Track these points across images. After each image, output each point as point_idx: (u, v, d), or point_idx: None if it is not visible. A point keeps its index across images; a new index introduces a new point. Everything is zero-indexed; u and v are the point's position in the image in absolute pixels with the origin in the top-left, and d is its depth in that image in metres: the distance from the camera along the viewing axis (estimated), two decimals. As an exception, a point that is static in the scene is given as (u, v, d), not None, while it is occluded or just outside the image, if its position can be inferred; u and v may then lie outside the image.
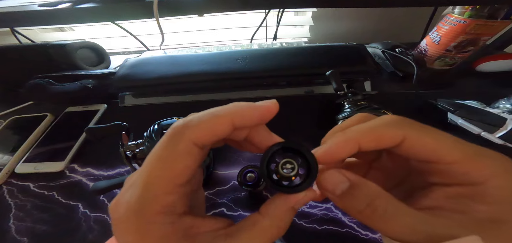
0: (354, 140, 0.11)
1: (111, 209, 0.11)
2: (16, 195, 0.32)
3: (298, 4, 0.43)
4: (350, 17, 0.63)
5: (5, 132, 0.41)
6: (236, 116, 0.11)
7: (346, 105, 0.33)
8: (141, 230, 0.10)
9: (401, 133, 0.11)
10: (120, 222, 0.10)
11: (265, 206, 0.12)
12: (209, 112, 0.11)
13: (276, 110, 0.12)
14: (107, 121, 0.36)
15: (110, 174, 0.33)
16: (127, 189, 0.11)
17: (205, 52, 0.46)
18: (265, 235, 0.11)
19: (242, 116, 0.11)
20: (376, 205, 0.10)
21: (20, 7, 0.40)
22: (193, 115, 0.11)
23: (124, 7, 0.37)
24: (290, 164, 0.12)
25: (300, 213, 0.27)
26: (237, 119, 0.11)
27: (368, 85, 0.41)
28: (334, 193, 0.11)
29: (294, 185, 0.12)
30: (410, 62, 0.43)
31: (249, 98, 0.43)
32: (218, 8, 0.39)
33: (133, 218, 0.10)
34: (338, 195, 0.11)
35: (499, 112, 0.30)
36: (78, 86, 0.42)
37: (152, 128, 0.30)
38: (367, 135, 0.11)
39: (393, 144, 0.11)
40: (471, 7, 0.38)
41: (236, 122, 0.11)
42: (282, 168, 0.12)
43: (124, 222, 0.10)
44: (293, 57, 0.41)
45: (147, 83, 0.40)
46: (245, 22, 0.65)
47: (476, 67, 0.46)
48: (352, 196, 0.11)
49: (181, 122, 0.11)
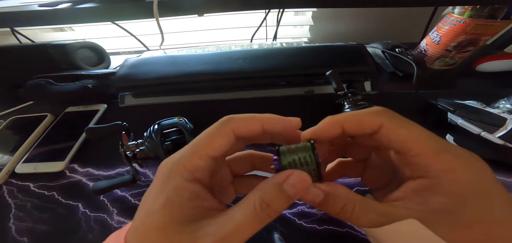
0: (338, 123, 0.14)
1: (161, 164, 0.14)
2: (16, 195, 0.32)
3: (298, 4, 0.43)
4: (350, 17, 0.63)
5: (5, 132, 0.41)
6: (267, 122, 0.14)
7: (346, 105, 0.33)
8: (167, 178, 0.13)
9: (379, 120, 0.13)
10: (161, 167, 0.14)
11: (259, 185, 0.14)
12: (249, 114, 0.15)
13: (298, 126, 0.15)
14: (107, 121, 0.36)
15: (110, 174, 0.33)
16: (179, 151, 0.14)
17: (205, 52, 0.46)
18: (252, 213, 0.12)
19: (271, 123, 0.14)
20: (346, 208, 0.12)
21: (20, 7, 0.40)
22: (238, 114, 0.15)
23: (124, 7, 0.37)
24: None
25: (300, 213, 0.27)
26: (266, 125, 0.14)
27: (368, 85, 0.41)
28: (313, 203, 0.13)
29: None
30: (410, 62, 0.43)
31: (249, 98, 0.43)
32: (218, 8, 0.39)
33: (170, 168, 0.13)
34: (317, 204, 0.13)
35: (499, 112, 0.29)
36: (78, 86, 0.42)
37: (152, 127, 0.30)
38: (350, 119, 0.14)
39: (372, 130, 0.13)
40: (471, 7, 0.38)
41: (266, 126, 0.14)
42: None
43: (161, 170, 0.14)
44: (293, 57, 0.41)
45: (147, 83, 0.40)
46: (245, 22, 0.65)
47: (476, 67, 0.46)
48: (328, 203, 0.13)
49: (229, 115, 0.14)
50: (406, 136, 0.13)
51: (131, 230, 0.13)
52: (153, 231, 0.12)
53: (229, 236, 0.12)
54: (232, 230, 0.12)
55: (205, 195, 0.14)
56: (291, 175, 0.12)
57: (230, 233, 0.12)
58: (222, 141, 0.14)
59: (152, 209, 0.13)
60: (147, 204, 0.13)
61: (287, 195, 0.12)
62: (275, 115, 0.15)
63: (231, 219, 0.12)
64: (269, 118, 0.14)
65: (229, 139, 0.14)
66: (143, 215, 0.13)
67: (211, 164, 0.14)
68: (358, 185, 0.29)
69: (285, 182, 0.12)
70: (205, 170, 0.14)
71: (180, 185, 0.13)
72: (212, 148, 0.14)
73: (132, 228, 0.13)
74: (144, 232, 0.12)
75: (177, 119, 0.30)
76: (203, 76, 0.39)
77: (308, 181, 0.12)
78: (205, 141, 0.14)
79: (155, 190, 0.13)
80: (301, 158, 0.13)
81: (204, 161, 0.14)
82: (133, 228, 0.13)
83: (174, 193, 0.13)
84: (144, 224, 0.13)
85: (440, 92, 0.39)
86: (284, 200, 0.12)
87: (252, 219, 0.12)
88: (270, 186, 0.13)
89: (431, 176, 0.12)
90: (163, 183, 0.13)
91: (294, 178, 0.12)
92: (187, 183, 0.13)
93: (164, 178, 0.13)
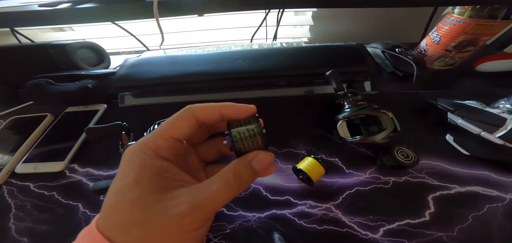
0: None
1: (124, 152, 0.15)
2: (16, 195, 0.32)
3: (298, 4, 0.43)
4: (350, 17, 0.63)
5: (5, 132, 0.41)
6: (223, 107, 0.16)
7: (346, 105, 0.33)
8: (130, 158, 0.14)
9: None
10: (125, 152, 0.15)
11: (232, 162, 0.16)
12: (207, 103, 0.17)
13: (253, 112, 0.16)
14: (107, 121, 0.36)
15: (110, 174, 0.33)
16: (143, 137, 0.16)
17: (205, 52, 0.46)
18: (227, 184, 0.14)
19: (227, 108, 0.16)
20: None
21: (20, 7, 0.40)
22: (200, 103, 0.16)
23: (124, 7, 0.37)
24: None
25: (300, 213, 0.27)
26: (223, 109, 0.16)
27: (368, 85, 0.41)
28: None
29: None
30: (410, 62, 0.43)
31: (249, 98, 0.43)
32: (218, 8, 0.39)
33: (132, 149, 0.15)
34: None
35: (499, 112, 0.29)
36: (78, 86, 0.42)
37: (152, 127, 0.30)
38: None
39: None
40: (471, 7, 0.38)
41: (223, 111, 0.16)
42: None
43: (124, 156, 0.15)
44: (293, 57, 0.41)
45: (147, 83, 0.40)
46: (245, 22, 0.65)
47: (476, 67, 0.46)
48: None
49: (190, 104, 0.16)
50: None
51: (102, 217, 0.13)
52: (127, 205, 0.13)
53: (206, 202, 0.13)
54: (208, 197, 0.13)
55: (175, 170, 0.15)
56: (258, 154, 0.15)
57: (206, 200, 0.13)
58: (182, 124, 0.16)
59: (121, 186, 0.13)
60: (115, 186, 0.14)
61: (254, 170, 0.15)
62: (231, 103, 0.16)
63: (207, 188, 0.14)
64: (225, 105, 0.16)
65: (189, 123, 0.16)
66: (113, 196, 0.13)
67: (175, 145, 0.16)
68: (358, 184, 0.29)
69: (253, 160, 0.15)
70: (168, 149, 0.15)
71: (146, 162, 0.14)
72: (173, 130, 0.15)
73: (103, 213, 0.13)
74: (117, 210, 0.13)
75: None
76: (203, 76, 0.39)
77: (270, 159, 0.16)
78: (167, 125, 0.15)
79: (120, 172, 0.14)
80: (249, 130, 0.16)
81: (166, 141, 0.15)
82: (104, 213, 0.13)
83: (141, 169, 0.14)
84: (116, 203, 0.13)
85: (440, 92, 0.39)
86: (252, 174, 0.15)
87: (227, 188, 0.14)
88: (242, 163, 0.15)
89: None
90: (128, 164, 0.14)
91: (260, 156, 0.15)
92: (152, 160, 0.14)
93: (128, 159, 0.14)
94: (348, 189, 0.29)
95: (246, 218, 0.27)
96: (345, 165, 0.32)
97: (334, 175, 0.31)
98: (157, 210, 0.12)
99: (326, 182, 0.30)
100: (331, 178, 0.30)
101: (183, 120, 0.16)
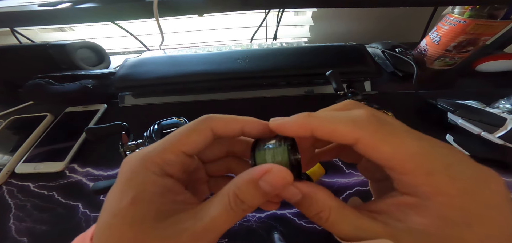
0: (308, 126, 0.12)
1: (124, 161, 0.13)
2: (16, 195, 0.32)
3: (298, 4, 0.43)
4: (350, 17, 0.63)
5: (5, 132, 0.41)
6: (247, 125, 0.14)
7: (346, 105, 0.33)
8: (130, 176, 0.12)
9: (355, 135, 0.11)
10: (125, 163, 0.13)
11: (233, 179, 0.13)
12: (230, 115, 0.14)
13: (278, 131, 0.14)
14: (107, 121, 0.36)
15: (110, 174, 0.33)
16: (149, 146, 0.13)
17: (205, 52, 0.46)
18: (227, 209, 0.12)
19: (251, 126, 0.14)
20: (321, 215, 0.12)
21: (20, 7, 0.40)
22: (219, 114, 0.14)
23: (124, 7, 0.37)
24: None
25: (300, 213, 0.27)
26: (246, 127, 0.14)
27: (368, 85, 0.41)
28: (291, 201, 0.12)
29: None
30: (410, 62, 0.43)
31: (249, 98, 0.43)
32: (218, 8, 0.39)
33: (134, 163, 0.13)
34: (294, 203, 0.13)
35: (499, 112, 0.30)
36: (78, 86, 0.42)
37: (152, 127, 0.30)
38: (322, 126, 0.12)
39: (346, 142, 0.12)
40: (471, 7, 0.38)
41: (245, 128, 0.14)
42: None
43: (124, 167, 0.13)
44: (293, 57, 0.41)
45: (147, 83, 0.40)
46: (245, 22, 0.65)
47: (476, 67, 0.46)
48: (303, 205, 0.12)
49: (210, 114, 0.14)
50: (390, 154, 0.11)
51: (96, 236, 0.12)
52: (124, 230, 0.11)
53: (205, 230, 0.11)
54: (207, 224, 0.11)
55: (178, 189, 0.13)
56: (270, 172, 0.11)
57: (205, 228, 0.11)
58: (197, 138, 0.13)
59: (118, 208, 0.12)
60: (111, 205, 0.12)
61: (263, 191, 0.11)
62: (255, 119, 0.14)
63: (206, 214, 0.12)
64: (249, 121, 0.14)
65: (205, 137, 0.13)
66: (108, 217, 0.12)
67: (185, 160, 0.13)
68: (358, 184, 0.29)
69: (262, 179, 0.11)
70: (177, 164, 0.13)
71: (148, 180, 0.12)
72: (185, 143, 0.13)
73: (98, 231, 0.12)
74: (113, 235, 0.11)
75: (177, 120, 0.30)
76: (203, 76, 0.39)
77: (288, 179, 0.11)
78: (179, 136, 0.13)
79: (118, 189, 0.12)
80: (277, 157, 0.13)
81: (176, 155, 0.13)
82: (98, 232, 0.12)
83: (142, 189, 0.12)
84: (111, 226, 0.12)
85: (440, 92, 0.39)
86: (259, 196, 0.12)
87: (227, 214, 0.11)
88: (244, 182, 0.12)
89: (418, 196, 0.11)
90: (128, 180, 0.12)
91: (272, 176, 0.11)
92: (156, 177, 0.12)
93: (128, 174, 0.12)
94: (348, 189, 0.29)
95: (246, 218, 0.27)
96: (345, 165, 0.32)
97: (334, 175, 0.31)
98: (155, 237, 0.11)
99: (326, 182, 0.30)
100: (331, 178, 0.30)
101: (199, 133, 0.13)
